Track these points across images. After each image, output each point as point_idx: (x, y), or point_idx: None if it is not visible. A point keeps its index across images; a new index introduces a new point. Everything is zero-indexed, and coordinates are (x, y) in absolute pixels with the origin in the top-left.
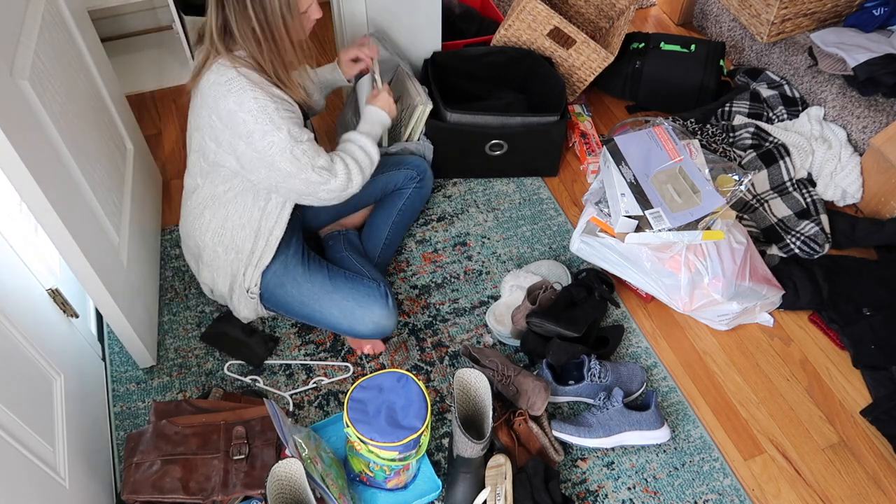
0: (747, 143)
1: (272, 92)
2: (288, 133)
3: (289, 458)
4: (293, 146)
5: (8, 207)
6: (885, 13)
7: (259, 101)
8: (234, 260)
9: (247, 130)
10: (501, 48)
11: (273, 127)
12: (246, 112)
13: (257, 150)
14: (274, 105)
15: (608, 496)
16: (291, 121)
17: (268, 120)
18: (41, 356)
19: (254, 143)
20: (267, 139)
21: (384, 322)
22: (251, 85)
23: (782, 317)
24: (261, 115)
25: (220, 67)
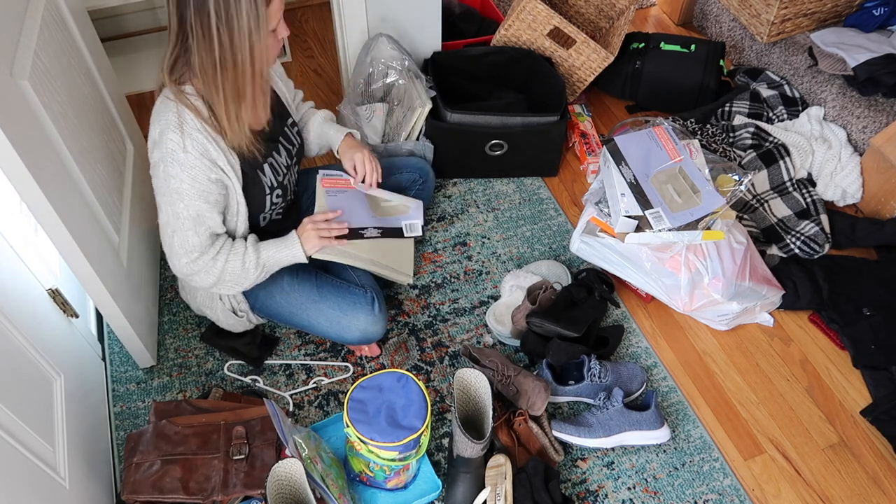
0: (747, 143)
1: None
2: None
3: (289, 458)
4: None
5: (8, 207)
6: (885, 13)
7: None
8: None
9: (153, 163)
10: (501, 48)
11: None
12: (158, 147)
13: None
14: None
15: (608, 496)
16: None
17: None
18: (41, 356)
19: (155, 175)
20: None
21: (370, 328)
22: (176, 125)
23: (782, 317)
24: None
25: (163, 100)
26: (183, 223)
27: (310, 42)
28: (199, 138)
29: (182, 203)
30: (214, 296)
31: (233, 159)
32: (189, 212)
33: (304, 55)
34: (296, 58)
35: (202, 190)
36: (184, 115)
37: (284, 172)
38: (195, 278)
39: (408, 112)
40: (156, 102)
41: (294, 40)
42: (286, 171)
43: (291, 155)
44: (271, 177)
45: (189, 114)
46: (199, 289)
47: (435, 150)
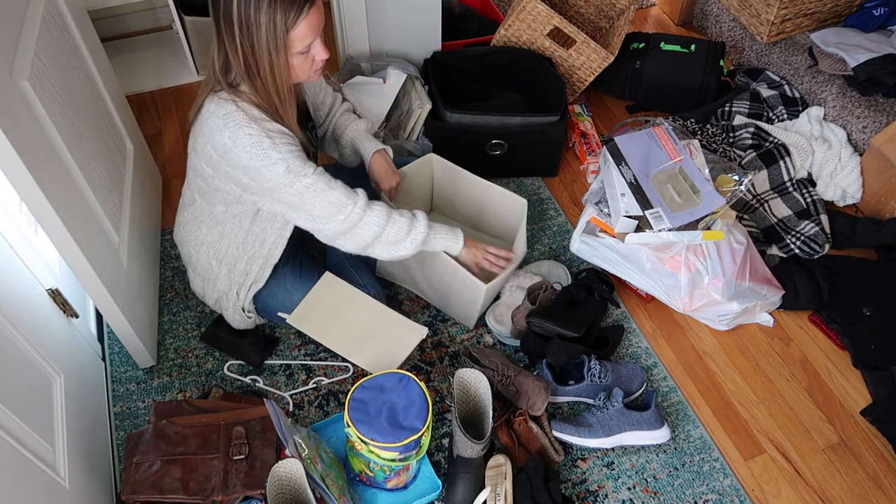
0: (747, 143)
1: (269, 127)
2: (286, 168)
3: (289, 458)
4: (293, 180)
5: (8, 207)
6: (885, 13)
7: (254, 136)
8: (227, 276)
9: (243, 166)
10: (501, 48)
11: (269, 162)
12: (241, 149)
13: (259, 183)
14: (270, 140)
15: (608, 496)
16: (292, 154)
17: (263, 156)
18: (41, 356)
19: (254, 177)
20: (265, 174)
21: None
22: (247, 121)
23: (782, 317)
24: (256, 151)
25: (219, 100)
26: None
27: None
28: (273, 125)
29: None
30: (233, 287)
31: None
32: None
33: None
34: None
35: (304, 157)
36: (249, 111)
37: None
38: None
39: (407, 112)
40: (205, 105)
41: None
42: None
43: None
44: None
45: (254, 109)
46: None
47: (435, 150)
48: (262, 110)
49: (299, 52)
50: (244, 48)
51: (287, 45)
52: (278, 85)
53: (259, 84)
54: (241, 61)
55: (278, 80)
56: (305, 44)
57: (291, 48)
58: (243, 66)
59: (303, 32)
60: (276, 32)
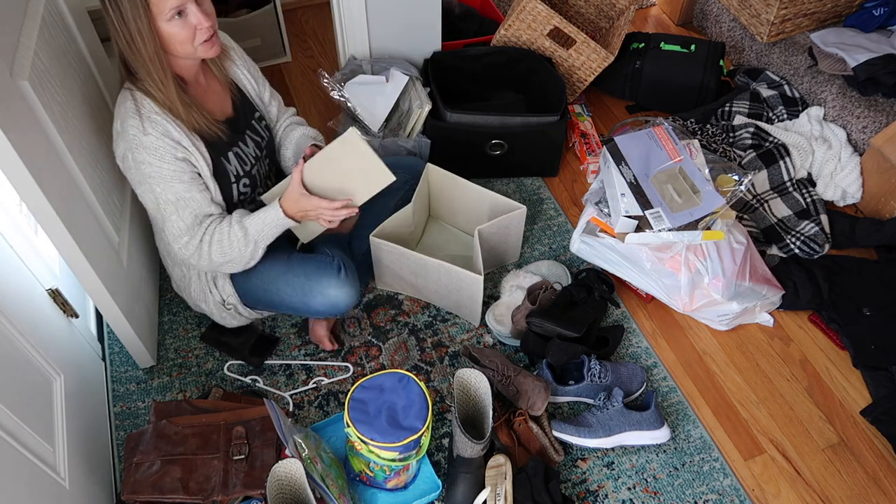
0: (747, 143)
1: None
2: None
3: (289, 458)
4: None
5: (8, 207)
6: (885, 13)
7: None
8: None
9: (121, 154)
10: (501, 48)
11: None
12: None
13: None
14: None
15: (608, 496)
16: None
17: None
18: (41, 356)
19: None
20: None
21: (334, 293)
22: (133, 110)
23: (782, 317)
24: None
25: (123, 90)
26: (165, 208)
27: (310, 42)
28: (158, 119)
29: (158, 187)
30: (206, 289)
31: (196, 141)
32: (167, 195)
33: (304, 55)
34: (296, 58)
35: (173, 170)
36: (140, 101)
37: (252, 163)
38: (192, 262)
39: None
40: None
41: (294, 40)
42: (254, 162)
43: (261, 147)
44: (237, 165)
45: (146, 99)
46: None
47: (435, 150)
48: (153, 99)
49: (169, 18)
50: (119, 26)
51: (152, 12)
52: (151, 57)
53: (140, 63)
54: (123, 42)
55: (149, 50)
56: (171, 6)
57: (158, 14)
58: (125, 47)
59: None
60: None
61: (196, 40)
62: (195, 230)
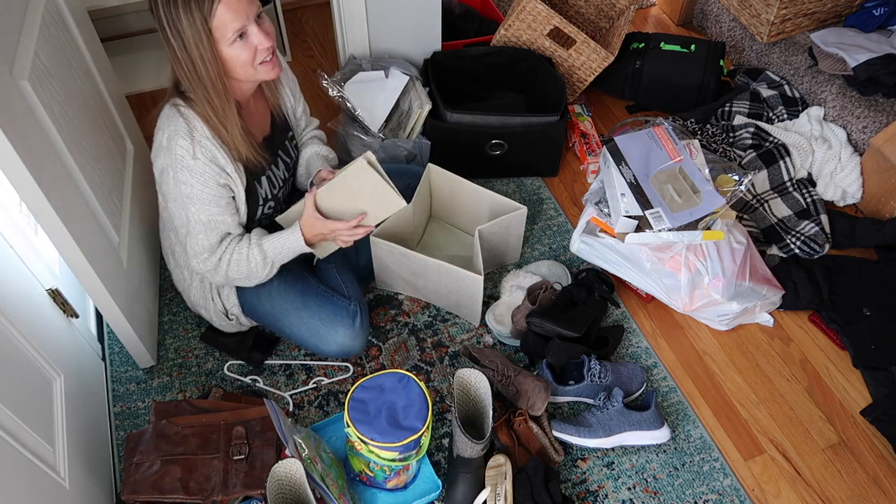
0: (747, 143)
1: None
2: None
3: (289, 458)
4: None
5: (8, 207)
6: (885, 13)
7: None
8: (200, 285)
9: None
10: (501, 48)
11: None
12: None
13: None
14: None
15: (608, 496)
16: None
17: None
18: (41, 356)
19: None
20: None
21: (349, 343)
22: (185, 131)
23: (782, 317)
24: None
25: (171, 106)
26: (195, 227)
27: (310, 42)
28: (208, 145)
29: (193, 208)
30: (207, 296)
31: (239, 168)
32: (200, 216)
33: (304, 55)
34: (296, 58)
35: (213, 195)
36: (193, 122)
37: (280, 185)
38: (208, 276)
39: (407, 112)
40: (163, 109)
41: (294, 40)
42: (282, 185)
43: (289, 168)
44: (267, 189)
45: (198, 121)
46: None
47: (435, 150)
48: (206, 121)
49: (231, 41)
50: (180, 54)
51: (214, 37)
52: (214, 82)
53: (200, 90)
54: (184, 69)
55: (213, 75)
56: (234, 30)
57: (221, 38)
58: (186, 75)
59: (224, 18)
60: (197, 25)
61: (256, 61)
62: (217, 248)
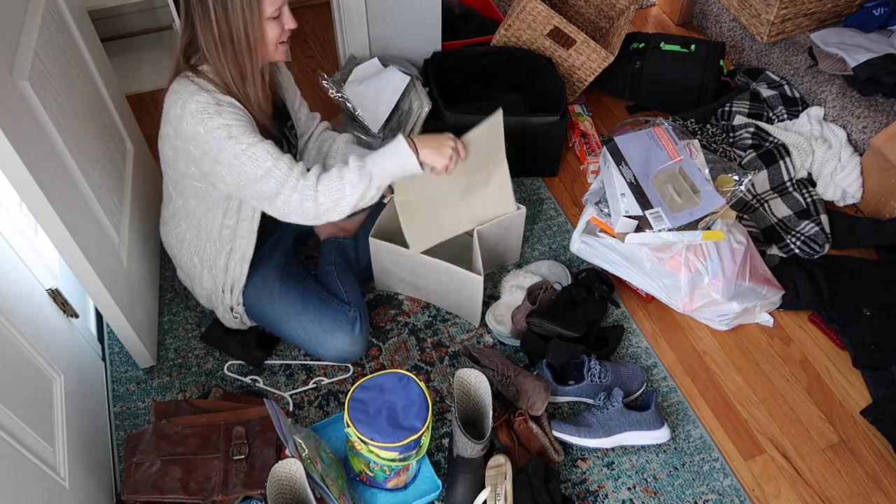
0: (747, 143)
1: (219, 97)
2: (227, 133)
3: (289, 458)
4: (232, 145)
5: (8, 207)
6: (885, 13)
7: (200, 103)
8: (210, 274)
9: (191, 135)
10: (501, 48)
11: (212, 126)
12: (188, 116)
13: (204, 152)
14: (216, 107)
15: (608, 496)
16: (237, 122)
17: (207, 120)
18: (41, 356)
19: (200, 145)
20: (208, 141)
21: (348, 349)
22: (198, 90)
23: (782, 317)
24: (200, 116)
25: (179, 79)
26: (257, 158)
27: (310, 42)
28: (227, 98)
29: (242, 143)
30: (217, 287)
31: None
32: (253, 141)
33: (304, 55)
34: (296, 58)
35: (251, 127)
36: (204, 84)
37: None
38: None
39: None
40: (171, 86)
41: (294, 40)
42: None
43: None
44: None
45: (209, 84)
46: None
47: None
48: (217, 86)
49: (271, 17)
50: (217, 16)
51: (261, 8)
52: (252, 53)
53: (230, 55)
54: (215, 32)
55: (252, 46)
56: (276, 6)
57: (264, 11)
58: (217, 38)
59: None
60: None
61: (280, 40)
62: (294, 164)
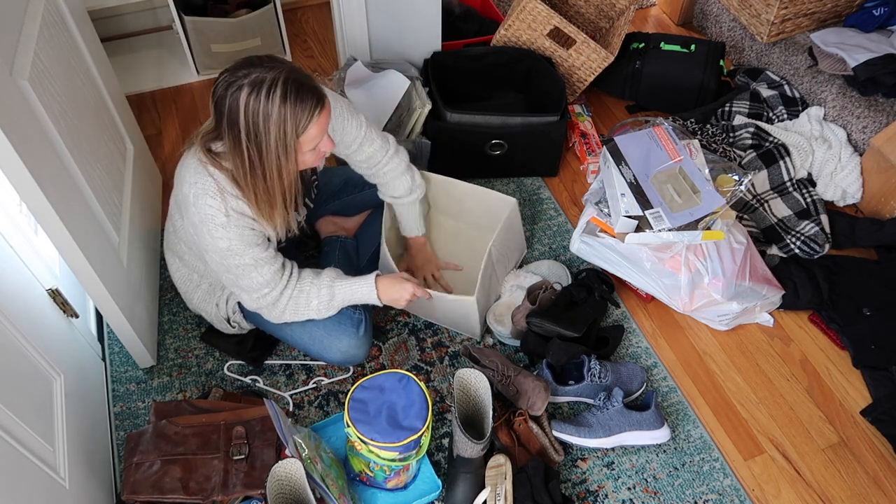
0: (747, 143)
1: (233, 205)
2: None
3: (289, 458)
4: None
5: (8, 207)
6: (885, 13)
7: (212, 208)
8: (208, 290)
9: (193, 223)
10: (501, 48)
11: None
12: (197, 210)
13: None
14: (225, 219)
15: (608, 496)
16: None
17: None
18: (41, 356)
19: (198, 235)
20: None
21: (353, 352)
22: (214, 191)
23: (782, 317)
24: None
25: (198, 161)
26: (243, 270)
27: (310, 42)
28: (240, 203)
29: (236, 257)
30: (211, 301)
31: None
32: (245, 260)
33: (304, 55)
34: (296, 58)
35: (252, 239)
36: (220, 180)
37: (296, 232)
38: (263, 312)
39: (407, 112)
40: (183, 158)
41: (294, 40)
42: (298, 232)
43: (308, 207)
44: (281, 233)
45: (225, 180)
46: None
47: (435, 150)
48: (235, 184)
49: (308, 150)
50: (250, 153)
51: (297, 149)
52: (284, 184)
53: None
54: (246, 164)
55: (286, 182)
56: (315, 144)
57: (301, 150)
58: (246, 165)
59: (312, 135)
60: (286, 140)
61: (317, 159)
62: (277, 282)
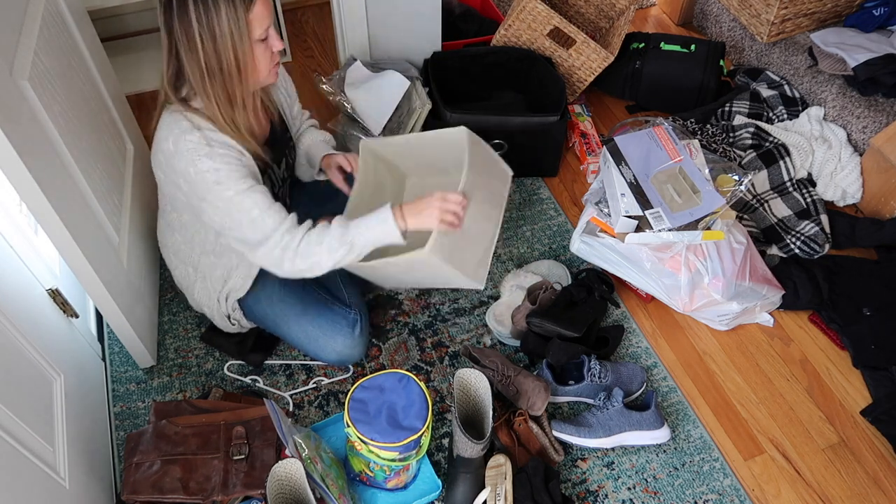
0: (747, 143)
1: (211, 136)
2: (216, 178)
3: (289, 458)
4: (220, 190)
5: (8, 207)
6: (885, 13)
7: (192, 142)
8: (203, 284)
9: (182, 171)
10: (501, 48)
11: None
12: (180, 154)
13: (192, 190)
14: (208, 148)
15: (608, 496)
16: (227, 165)
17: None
18: (41, 356)
19: (189, 182)
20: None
21: (348, 352)
22: (191, 128)
23: (782, 317)
24: (191, 157)
25: (171, 111)
26: (246, 215)
27: (310, 42)
28: (219, 136)
29: (231, 190)
30: (212, 297)
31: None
32: (242, 196)
33: (304, 55)
34: (296, 58)
35: (244, 171)
36: (196, 120)
37: (280, 185)
38: (274, 266)
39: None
40: (161, 117)
41: (294, 40)
42: (281, 184)
43: (290, 167)
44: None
45: (203, 121)
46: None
47: None
48: (212, 122)
49: (259, 39)
50: (205, 45)
51: (249, 31)
52: (242, 80)
53: (218, 84)
54: (202, 62)
55: (242, 73)
56: (264, 27)
57: (252, 33)
58: (204, 68)
59: (260, 13)
60: (237, 14)
61: (272, 62)
62: (282, 222)
